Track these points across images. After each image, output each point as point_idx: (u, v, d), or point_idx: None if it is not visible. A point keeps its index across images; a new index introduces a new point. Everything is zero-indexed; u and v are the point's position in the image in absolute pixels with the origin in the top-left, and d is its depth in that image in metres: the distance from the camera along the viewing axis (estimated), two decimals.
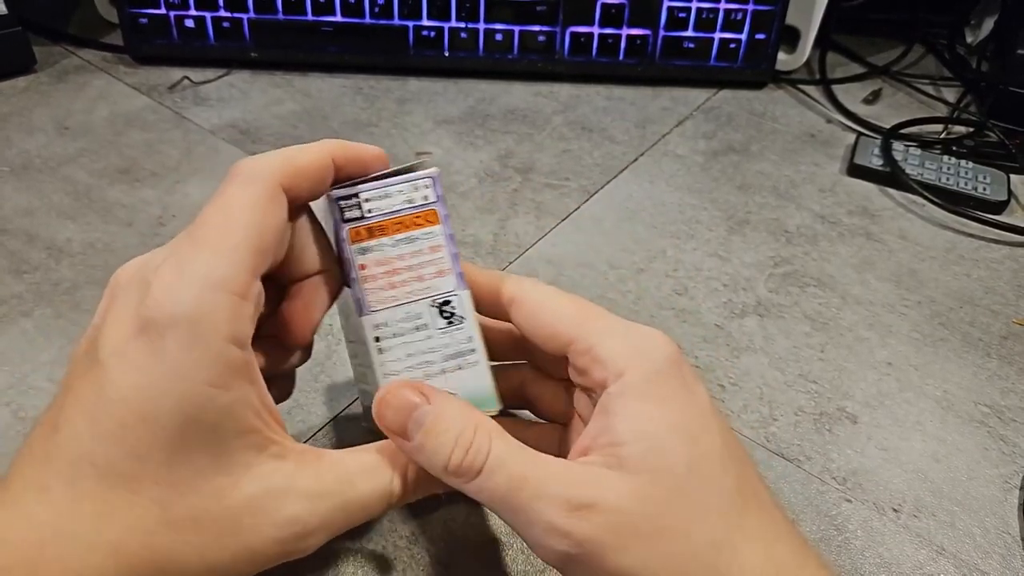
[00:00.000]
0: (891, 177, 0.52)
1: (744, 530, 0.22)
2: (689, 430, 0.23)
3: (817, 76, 0.64)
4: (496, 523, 0.31)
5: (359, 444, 0.33)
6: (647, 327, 0.25)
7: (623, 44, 0.60)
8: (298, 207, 0.25)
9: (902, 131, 0.57)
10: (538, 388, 0.30)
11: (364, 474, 0.24)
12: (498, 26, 0.59)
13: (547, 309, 0.26)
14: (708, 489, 0.23)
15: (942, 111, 0.61)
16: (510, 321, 0.27)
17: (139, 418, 0.20)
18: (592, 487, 0.22)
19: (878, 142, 0.54)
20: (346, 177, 0.26)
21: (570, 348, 0.25)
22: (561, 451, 0.26)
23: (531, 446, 0.24)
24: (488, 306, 0.28)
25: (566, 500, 0.22)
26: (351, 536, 0.30)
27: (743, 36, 0.60)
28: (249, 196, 0.23)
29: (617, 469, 0.22)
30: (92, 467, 0.20)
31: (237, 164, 0.23)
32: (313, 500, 0.23)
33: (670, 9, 0.58)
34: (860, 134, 0.56)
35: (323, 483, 0.23)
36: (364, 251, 0.26)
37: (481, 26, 0.59)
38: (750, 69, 0.61)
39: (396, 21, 0.58)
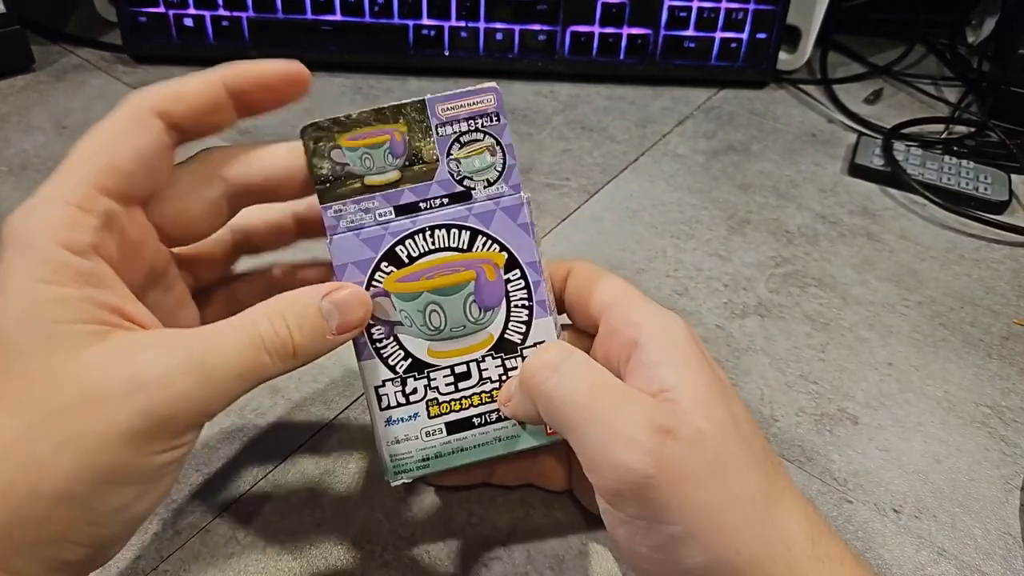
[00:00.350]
0: (892, 177, 0.52)
1: (782, 488, 0.24)
2: (723, 393, 0.24)
3: (818, 76, 0.64)
4: (496, 524, 0.31)
5: (358, 445, 0.33)
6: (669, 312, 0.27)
7: (624, 43, 0.60)
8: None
9: (903, 131, 0.57)
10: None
11: (226, 325, 0.22)
12: (498, 25, 0.59)
13: (597, 279, 0.28)
14: (750, 446, 0.24)
15: (943, 111, 0.61)
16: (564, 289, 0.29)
17: None
18: (672, 416, 0.23)
19: (879, 142, 0.54)
20: (257, 108, 0.26)
21: (609, 309, 0.27)
22: None
23: None
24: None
25: (650, 420, 0.22)
26: (351, 536, 0.30)
27: (744, 36, 0.60)
28: (112, 121, 0.23)
29: (678, 410, 0.23)
30: None
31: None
32: (165, 350, 0.21)
33: (671, 8, 0.58)
34: (861, 134, 0.56)
35: (177, 340, 0.21)
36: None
37: (481, 25, 0.58)
38: (751, 69, 0.61)
39: (396, 20, 0.58)
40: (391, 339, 0.26)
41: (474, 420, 0.27)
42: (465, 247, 0.26)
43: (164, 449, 0.21)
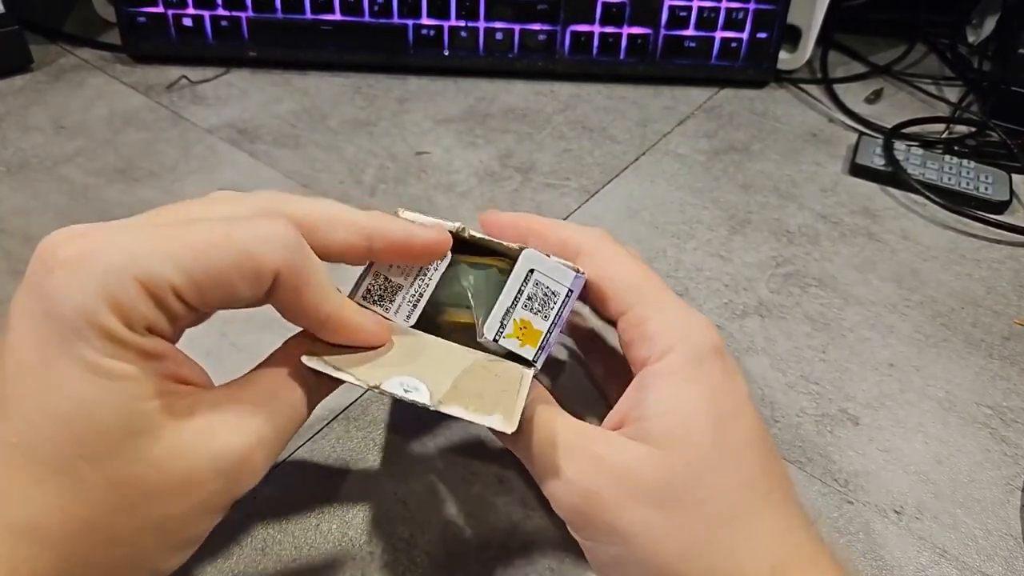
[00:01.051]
0: (893, 177, 0.52)
1: (761, 514, 0.23)
2: (719, 413, 0.24)
3: (819, 75, 0.64)
4: (496, 524, 0.31)
5: (357, 447, 0.33)
6: (697, 313, 0.26)
7: (624, 43, 0.60)
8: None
9: (904, 131, 0.57)
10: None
11: (281, 381, 0.24)
12: (498, 25, 0.58)
13: (612, 270, 0.27)
14: (729, 469, 0.23)
15: (944, 111, 0.61)
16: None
17: (36, 392, 0.19)
18: (607, 447, 0.24)
19: (880, 142, 0.54)
20: (383, 261, 0.26)
21: (623, 316, 0.26)
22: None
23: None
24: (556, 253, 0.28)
25: (583, 454, 0.24)
26: (351, 537, 0.30)
27: (744, 35, 0.59)
28: (238, 210, 0.22)
29: (639, 440, 0.24)
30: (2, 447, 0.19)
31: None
32: (239, 422, 0.22)
33: (671, 8, 0.58)
34: (862, 134, 0.56)
35: (244, 405, 0.22)
36: None
37: (481, 25, 0.58)
38: (751, 68, 0.61)
39: (395, 20, 0.58)
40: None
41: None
42: None
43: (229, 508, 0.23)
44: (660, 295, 0.26)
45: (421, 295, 0.27)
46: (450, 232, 0.27)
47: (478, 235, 0.27)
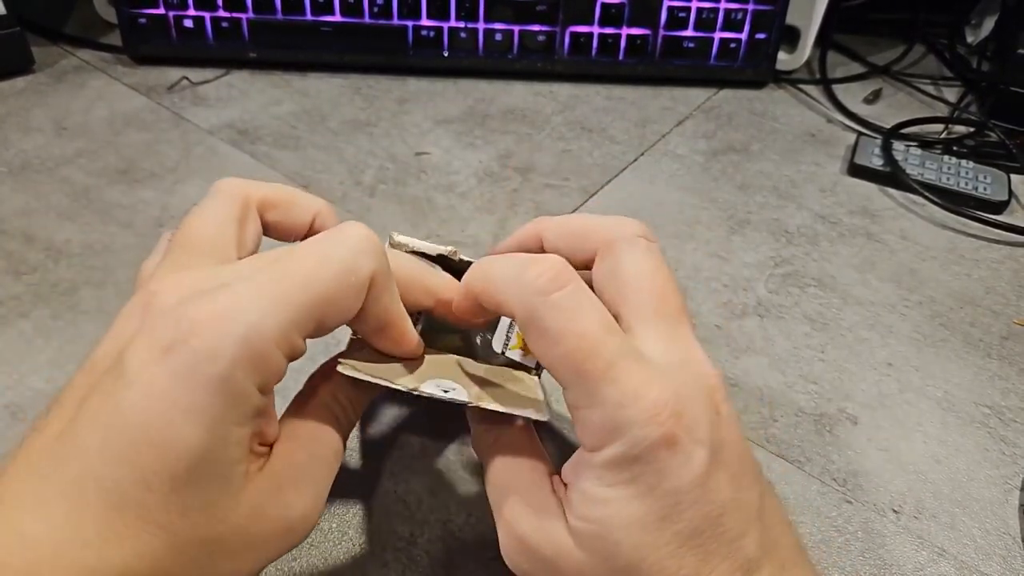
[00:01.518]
0: (891, 177, 0.52)
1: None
2: (649, 521, 0.21)
3: (817, 76, 0.64)
4: (495, 525, 0.31)
5: (357, 445, 0.33)
6: (650, 389, 0.21)
7: (623, 44, 0.60)
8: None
9: (902, 131, 0.57)
10: None
11: (319, 428, 0.24)
12: (498, 26, 0.59)
13: (553, 343, 0.22)
14: (665, 572, 0.21)
15: (942, 111, 0.61)
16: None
17: (155, 446, 0.19)
18: (542, 535, 0.23)
19: (878, 142, 0.54)
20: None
21: (565, 393, 0.23)
22: None
23: None
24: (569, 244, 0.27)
25: (525, 531, 0.23)
26: (351, 536, 0.30)
27: (743, 36, 0.60)
28: (335, 264, 0.22)
29: (570, 535, 0.22)
30: (99, 488, 0.19)
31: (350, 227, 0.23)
32: (301, 482, 0.23)
33: (670, 9, 0.58)
34: (860, 134, 0.56)
35: (301, 462, 0.23)
36: None
37: (481, 26, 0.58)
38: (750, 69, 0.61)
39: (395, 21, 0.58)
40: None
41: None
42: None
43: None
44: (597, 371, 0.21)
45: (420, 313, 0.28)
46: (443, 255, 0.28)
47: (468, 260, 0.28)
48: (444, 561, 0.29)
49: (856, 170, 0.53)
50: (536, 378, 0.27)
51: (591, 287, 0.24)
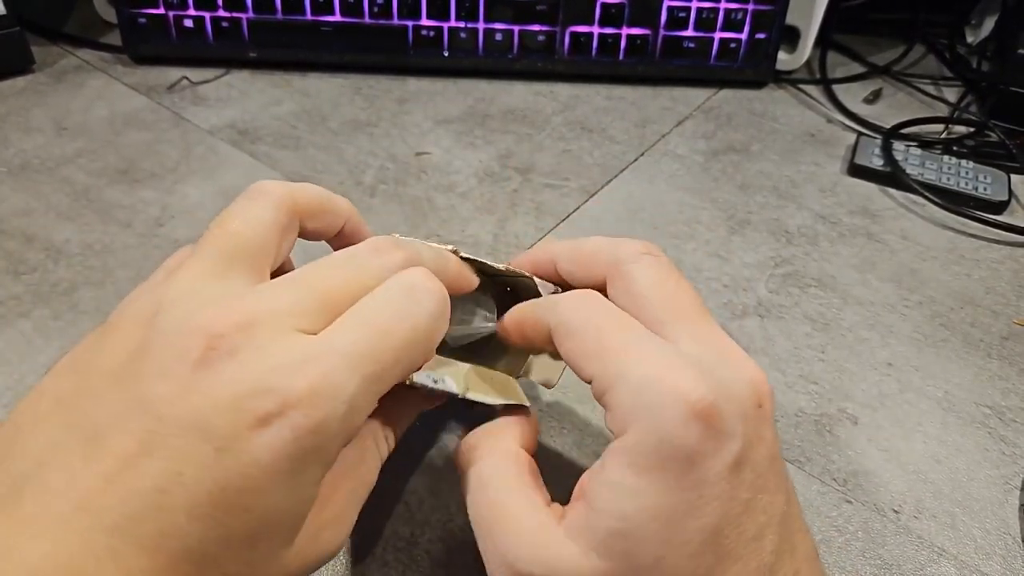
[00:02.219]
0: (892, 177, 0.52)
1: None
2: (673, 514, 0.20)
3: (817, 76, 0.64)
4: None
5: None
6: (672, 372, 0.21)
7: (623, 44, 0.60)
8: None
9: (903, 131, 0.57)
10: None
11: (360, 465, 0.25)
12: (498, 26, 0.59)
13: (575, 339, 0.23)
14: (679, 568, 0.20)
15: (943, 111, 0.61)
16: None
17: (248, 511, 0.19)
18: (546, 550, 0.22)
19: (879, 142, 0.54)
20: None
21: (592, 385, 0.23)
22: None
23: None
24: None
25: (520, 555, 0.22)
26: (351, 536, 0.30)
27: (743, 36, 0.60)
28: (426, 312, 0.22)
29: (583, 542, 0.21)
30: (183, 546, 0.18)
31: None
32: (338, 523, 0.23)
33: (670, 9, 0.58)
34: (860, 134, 0.56)
35: (341, 504, 0.24)
36: None
37: (481, 26, 0.58)
38: (750, 69, 0.61)
39: (395, 21, 0.58)
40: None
41: None
42: None
43: None
44: (623, 355, 0.22)
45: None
46: None
47: (467, 257, 0.28)
48: (445, 561, 0.29)
49: (856, 170, 0.53)
50: (517, 381, 0.29)
51: None
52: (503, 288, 0.31)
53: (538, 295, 0.29)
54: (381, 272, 0.23)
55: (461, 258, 0.28)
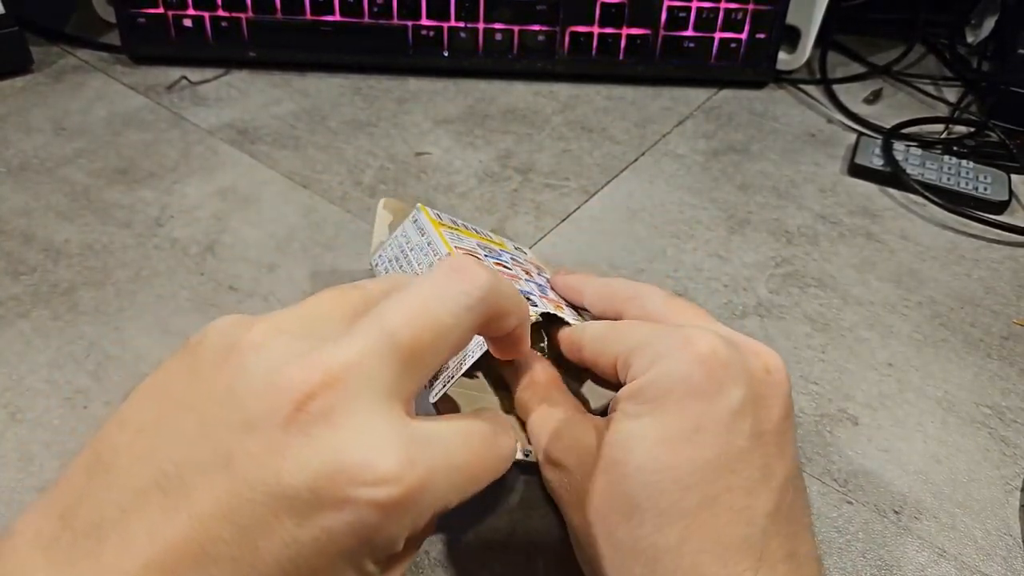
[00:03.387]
0: (892, 177, 0.52)
1: (705, 553, 0.22)
2: (669, 438, 0.22)
3: (818, 76, 0.64)
4: (496, 524, 0.31)
5: None
6: (683, 330, 0.24)
7: (623, 44, 0.60)
8: None
9: (903, 131, 0.57)
10: None
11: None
12: (497, 26, 0.58)
13: (595, 339, 0.28)
14: (666, 494, 0.22)
15: (943, 111, 0.61)
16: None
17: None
18: (567, 449, 0.25)
19: (879, 142, 0.54)
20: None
21: (616, 367, 0.26)
22: None
23: None
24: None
25: (549, 451, 0.26)
26: None
27: (743, 36, 0.60)
28: None
29: (607, 458, 0.24)
30: None
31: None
32: None
33: (670, 9, 0.58)
34: (861, 134, 0.56)
35: None
36: None
37: (480, 26, 0.58)
38: (750, 69, 0.61)
39: (395, 21, 0.58)
40: None
41: None
42: None
43: None
44: (633, 332, 0.26)
45: (452, 377, 0.28)
46: None
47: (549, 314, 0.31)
48: (444, 562, 0.29)
49: (856, 170, 0.53)
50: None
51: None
52: None
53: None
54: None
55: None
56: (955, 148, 0.56)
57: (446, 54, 0.59)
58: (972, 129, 0.58)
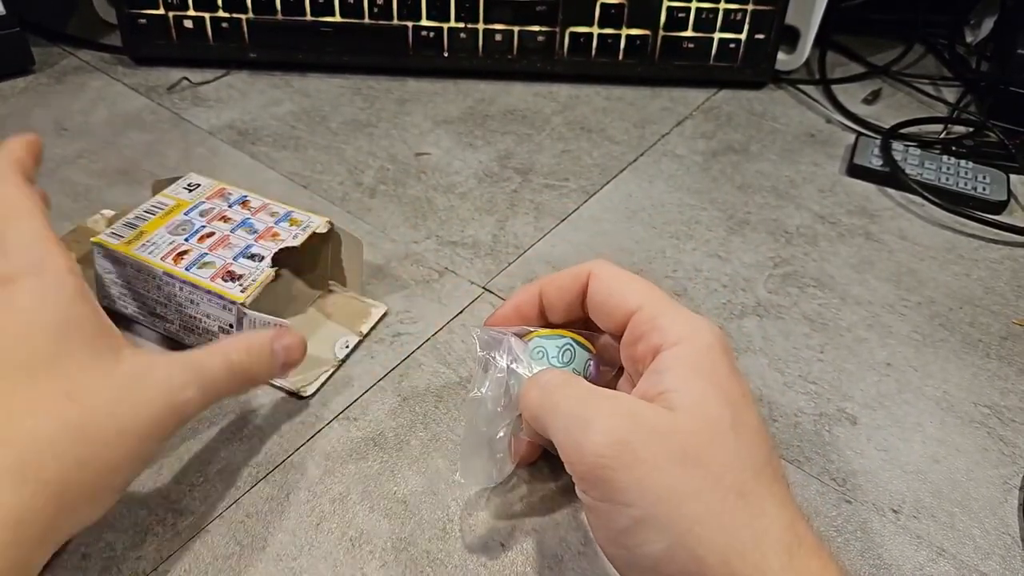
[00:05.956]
0: (891, 177, 0.52)
1: (770, 499, 0.24)
2: (733, 400, 0.25)
3: (817, 76, 0.64)
4: (496, 524, 0.31)
5: (357, 446, 0.33)
6: (704, 317, 0.28)
7: (623, 44, 0.60)
8: None
9: (902, 131, 0.57)
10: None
11: (210, 354, 0.29)
12: (497, 26, 0.59)
13: (621, 282, 0.30)
14: (743, 450, 0.24)
15: (942, 111, 0.61)
16: (585, 293, 0.31)
17: (36, 327, 0.25)
18: (640, 405, 0.25)
19: (878, 142, 0.54)
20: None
21: (635, 316, 0.28)
22: None
23: None
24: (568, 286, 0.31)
25: (617, 409, 0.25)
26: (351, 536, 0.30)
27: (742, 36, 0.60)
28: None
29: (666, 407, 0.25)
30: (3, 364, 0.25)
31: None
32: (174, 365, 0.28)
33: (670, 9, 0.58)
34: (860, 134, 0.56)
35: (179, 358, 0.28)
36: None
37: (480, 26, 0.58)
38: (750, 69, 0.61)
39: (395, 21, 0.58)
40: None
41: None
42: None
43: (169, 438, 0.28)
44: (668, 299, 0.29)
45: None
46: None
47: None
48: (445, 561, 0.29)
49: (855, 170, 0.53)
50: None
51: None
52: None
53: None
54: None
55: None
56: (954, 148, 0.56)
57: (446, 55, 0.60)
58: (971, 129, 0.58)
